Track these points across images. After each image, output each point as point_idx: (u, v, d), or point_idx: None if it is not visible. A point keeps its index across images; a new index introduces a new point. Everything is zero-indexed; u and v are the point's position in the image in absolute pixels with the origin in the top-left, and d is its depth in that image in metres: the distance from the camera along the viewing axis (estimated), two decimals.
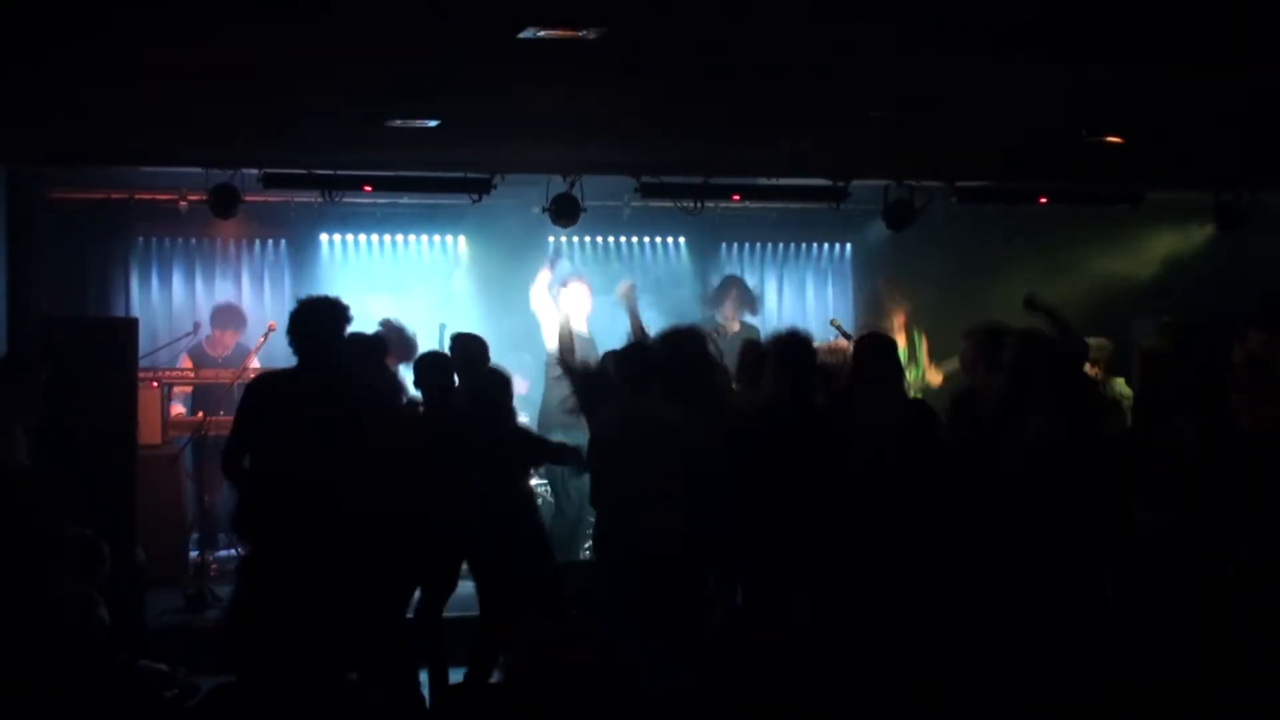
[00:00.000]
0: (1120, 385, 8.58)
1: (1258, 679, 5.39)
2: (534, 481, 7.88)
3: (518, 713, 3.19)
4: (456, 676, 6.74)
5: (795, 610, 5.42)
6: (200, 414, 9.48)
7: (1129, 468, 6.24)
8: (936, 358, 9.53)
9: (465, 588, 7.04)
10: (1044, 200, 10.05)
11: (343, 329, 6.39)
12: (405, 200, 10.39)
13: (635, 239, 11.28)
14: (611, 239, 11.22)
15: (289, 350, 7.69)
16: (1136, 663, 5.71)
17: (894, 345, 6.78)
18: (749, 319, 10.04)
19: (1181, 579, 5.94)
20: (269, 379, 6.89)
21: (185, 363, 9.57)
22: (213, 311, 9.90)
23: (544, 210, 9.17)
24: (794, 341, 6.42)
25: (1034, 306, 7.06)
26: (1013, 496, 5.84)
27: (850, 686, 4.64)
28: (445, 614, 6.91)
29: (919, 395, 8.36)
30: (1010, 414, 6.10)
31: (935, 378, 9.46)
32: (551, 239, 10.16)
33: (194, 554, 8.97)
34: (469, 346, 7.14)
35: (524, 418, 8.39)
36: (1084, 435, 6.03)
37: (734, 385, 6.98)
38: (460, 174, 9.08)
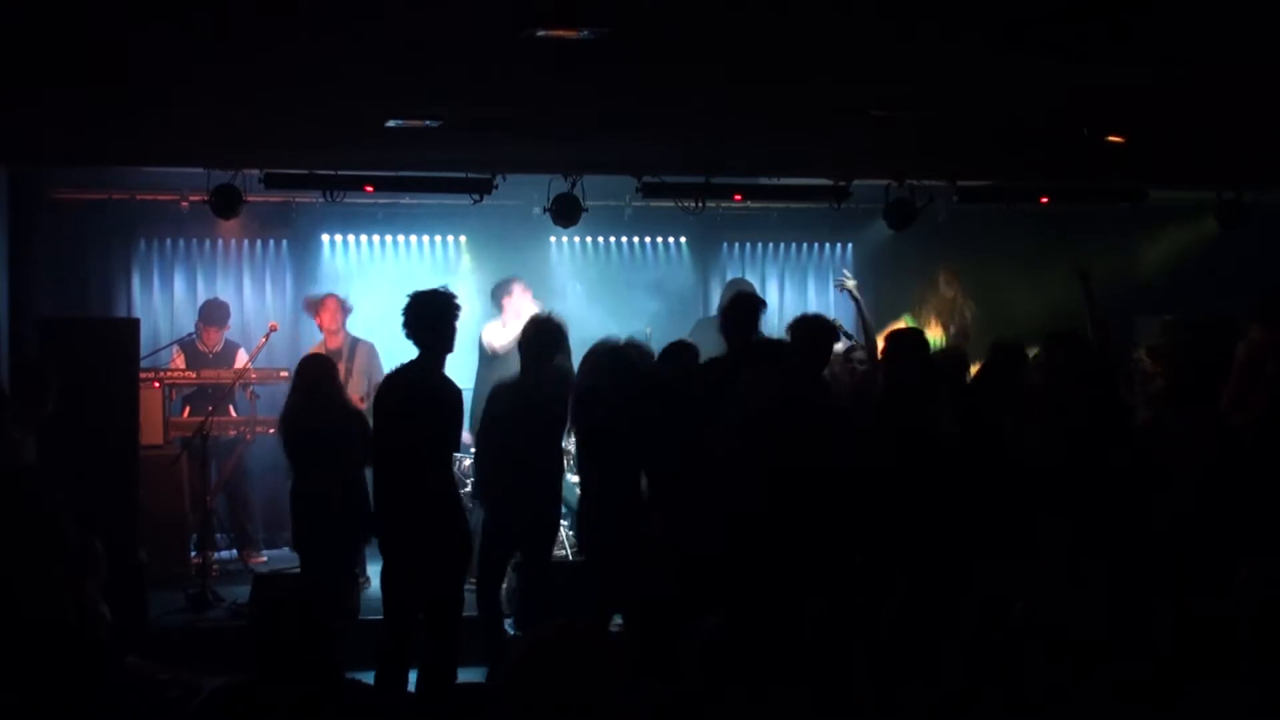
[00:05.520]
0: None
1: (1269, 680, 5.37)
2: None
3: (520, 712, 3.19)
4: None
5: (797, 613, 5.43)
6: (186, 411, 9.50)
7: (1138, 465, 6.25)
8: None
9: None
10: (1045, 199, 10.04)
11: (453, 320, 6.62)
12: (406, 200, 10.41)
13: (636, 239, 11.30)
14: (613, 239, 11.24)
15: (286, 351, 7.78)
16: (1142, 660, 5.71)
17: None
18: None
19: (1191, 574, 5.94)
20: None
21: (177, 357, 9.57)
22: (200, 308, 9.92)
23: (545, 210, 9.17)
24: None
25: (1083, 279, 7.20)
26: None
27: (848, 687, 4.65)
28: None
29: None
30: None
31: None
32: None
33: (194, 554, 8.97)
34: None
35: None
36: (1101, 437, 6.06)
37: None
38: (461, 174, 9.08)
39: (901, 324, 9.60)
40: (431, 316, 6.50)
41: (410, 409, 6.45)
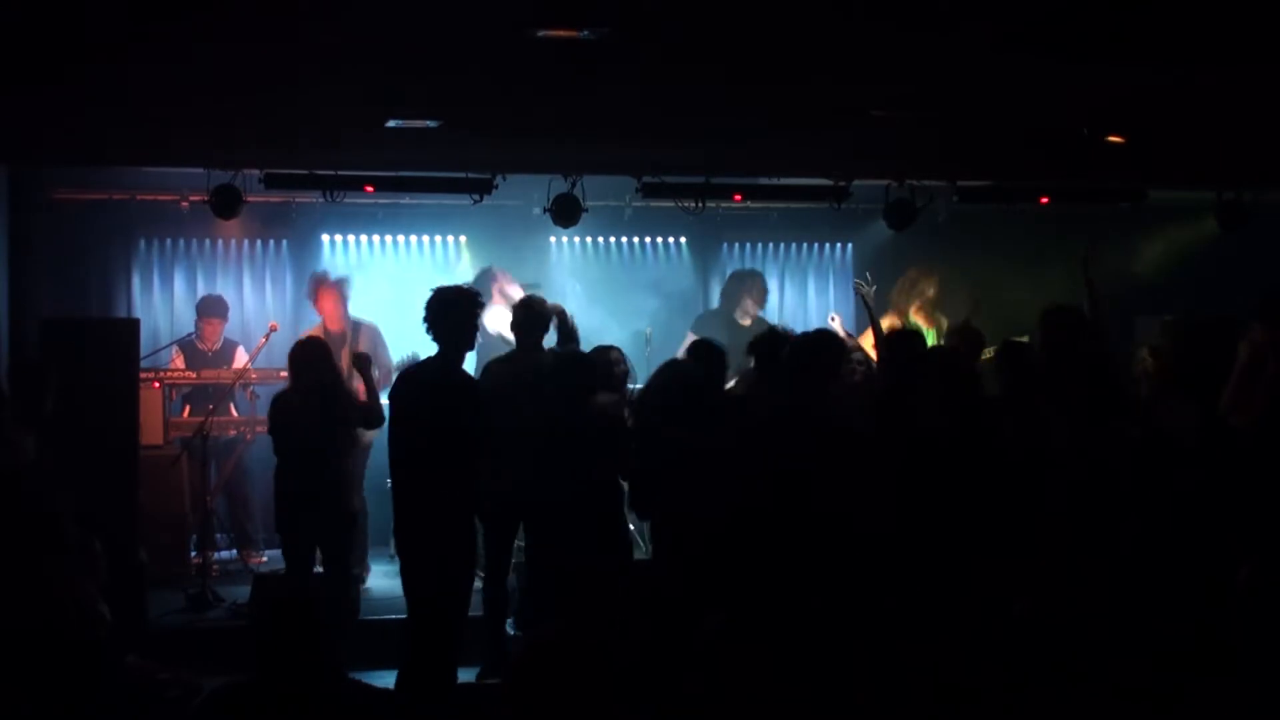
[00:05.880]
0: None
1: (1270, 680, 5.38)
2: None
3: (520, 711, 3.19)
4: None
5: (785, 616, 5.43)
6: (186, 411, 9.50)
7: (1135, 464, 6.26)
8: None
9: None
10: (1045, 200, 10.04)
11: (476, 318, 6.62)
12: (406, 200, 10.40)
13: (636, 239, 11.29)
14: (613, 239, 11.23)
15: (286, 350, 7.77)
16: (1140, 658, 5.71)
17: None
18: (761, 315, 10.21)
19: (1185, 575, 5.94)
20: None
21: (176, 357, 9.57)
22: (196, 304, 9.92)
23: (545, 210, 9.17)
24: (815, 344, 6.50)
25: (1085, 265, 7.25)
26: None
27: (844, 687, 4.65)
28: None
29: None
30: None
31: None
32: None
33: (194, 554, 8.97)
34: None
35: None
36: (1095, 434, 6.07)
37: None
38: (461, 174, 9.08)
39: (891, 321, 9.62)
40: (453, 314, 6.49)
41: (427, 406, 6.41)
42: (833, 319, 9.50)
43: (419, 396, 6.48)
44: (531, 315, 7.38)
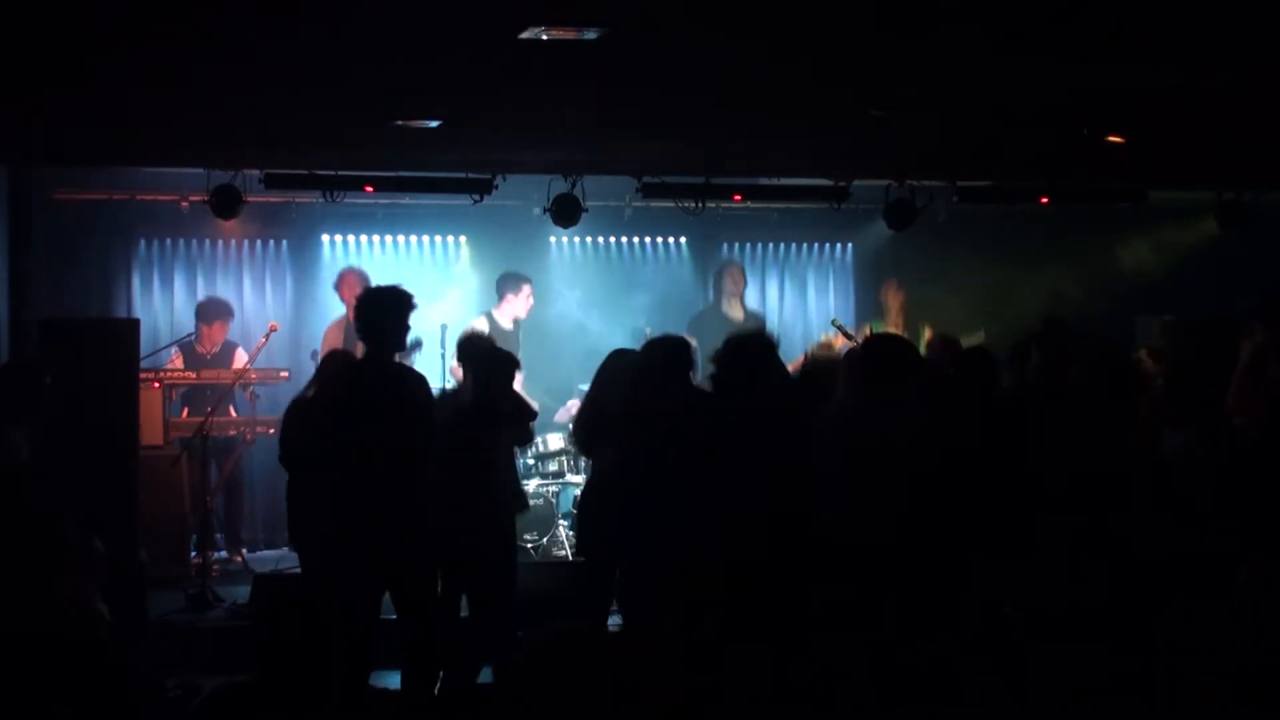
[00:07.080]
0: None
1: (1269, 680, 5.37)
2: None
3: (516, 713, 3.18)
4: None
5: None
6: (185, 412, 9.49)
7: (1137, 465, 6.25)
8: None
9: None
10: (1045, 200, 10.05)
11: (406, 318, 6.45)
12: (406, 200, 10.40)
13: (636, 239, 11.29)
14: (613, 239, 11.23)
15: (286, 351, 7.77)
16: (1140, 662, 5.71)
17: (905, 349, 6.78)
18: (752, 307, 10.20)
19: (1189, 578, 5.94)
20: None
21: (176, 359, 9.56)
22: (197, 308, 9.89)
23: (545, 210, 9.18)
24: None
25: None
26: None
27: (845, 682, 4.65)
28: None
29: None
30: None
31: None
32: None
33: (194, 554, 8.97)
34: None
35: None
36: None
37: None
38: (461, 174, 9.08)
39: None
40: (379, 314, 6.37)
41: (370, 402, 6.26)
42: (835, 323, 9.48)
43: (360, 395, 6.33)
44: (482, 342, 7.16)
